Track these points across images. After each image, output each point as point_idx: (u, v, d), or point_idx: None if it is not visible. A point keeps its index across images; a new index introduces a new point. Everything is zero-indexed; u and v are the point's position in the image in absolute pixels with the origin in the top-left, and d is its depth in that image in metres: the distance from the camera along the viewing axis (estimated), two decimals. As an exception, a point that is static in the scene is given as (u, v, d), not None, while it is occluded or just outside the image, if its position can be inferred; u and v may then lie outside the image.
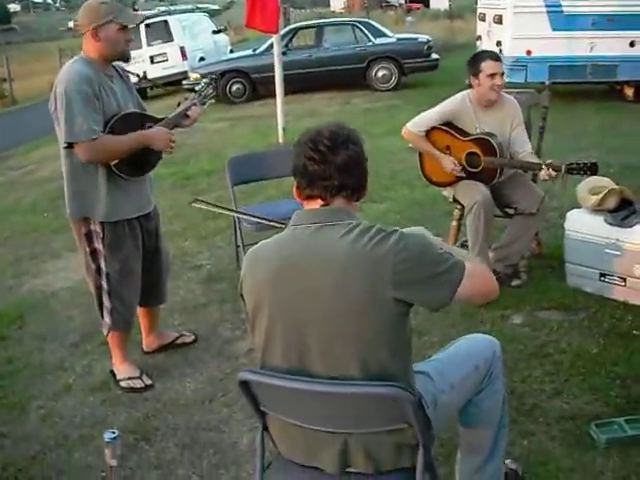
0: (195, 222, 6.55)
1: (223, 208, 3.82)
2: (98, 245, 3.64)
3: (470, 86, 4.53)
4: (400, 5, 43.73)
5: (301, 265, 2.02)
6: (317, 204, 2.09)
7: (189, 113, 3.88)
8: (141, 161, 3.63)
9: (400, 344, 2.03)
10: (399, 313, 1.98)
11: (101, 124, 3.41)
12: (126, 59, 3.64)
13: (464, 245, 4.67)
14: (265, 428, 2.25)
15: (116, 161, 3.50)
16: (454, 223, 4.87)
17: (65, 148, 3.46)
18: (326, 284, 1.97)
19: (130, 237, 3.69)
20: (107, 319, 3.78)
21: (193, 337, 4.30)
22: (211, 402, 3.63)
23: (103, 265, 3.67)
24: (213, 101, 4.13)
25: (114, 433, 3.17)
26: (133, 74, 3.92)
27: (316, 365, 2.02)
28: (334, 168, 2.04)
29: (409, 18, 30.70)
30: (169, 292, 4.28)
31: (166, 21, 17.87)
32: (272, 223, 3.00)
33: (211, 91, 4.03)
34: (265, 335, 2.08)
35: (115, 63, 3.67)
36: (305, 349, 2.02)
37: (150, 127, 3.65)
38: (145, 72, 16.30)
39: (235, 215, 4.69)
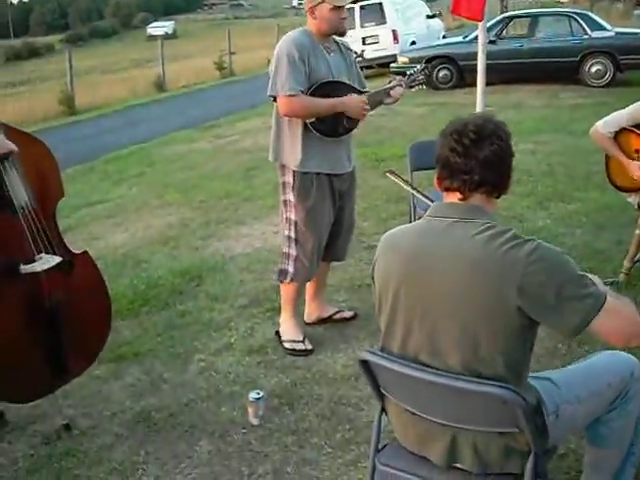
0: (377, 204, 6.64)
1: (411, 187, 3.89)
2: (289, 196, 3.93)
3: None
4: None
5: (431, 258, 2.03)
6: (455, 197, 2.09)
7: (392, 92, 4.04)
8: (335, 124, 3.85)
9: (517, 355, 2.00)
10: (521, 325, 1.94)
11: (303, 85, 3.71)
12: (341, 34, 3.90)
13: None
14: (384, 410, 2.30)
15: (313, 119, 3.76)
16: (637, 232, 4.62)
17: (273, 101, 3.83)
18: (452, 281, 1.98)
19: (318, 190, 3.91)
20: (290, 267, 4.00)
21: (352, 314, 4.40)
22: (357, 379, 3.70)
23: (292, 214, 3.94)
24: (422, 87, 4.20)
25: (259, 394, 3.37)
26: (352, 52, 4.12)
27: (430, 356, 2.04)
28: (476, 163, 2.03)
29: (637, 12, 28.91)
30: (339, 269, 4.41)
31: (380, 3, 18.02)
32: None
33: (422, 77, 4.15)
34: (388, 319, 2.13)
35: (339, 39, 3.96)
36: (422, 339, 2.05)
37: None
38: (363, 51, 16.54)
39: (418, 196, 4.70)
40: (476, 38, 13.91)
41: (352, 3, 4.58)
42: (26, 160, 3.03)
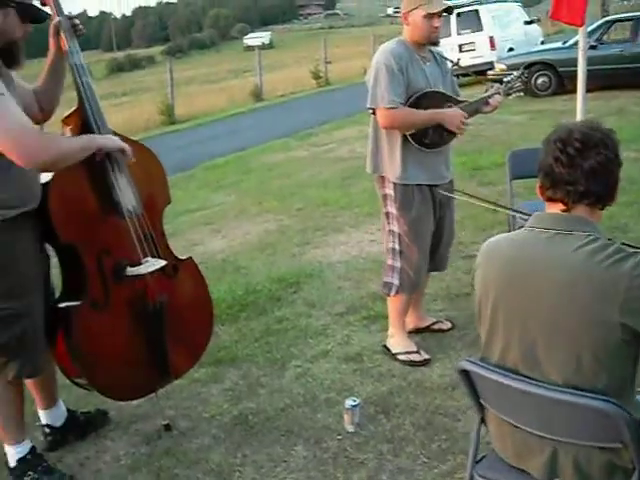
0: (475, 213, 6.55)
1: (478, 199, 3.84)
2: (391, 208, 3.93)
3: None
4: None
5: (531, 269, 2.00)
6: (558, 208, 2.04)
7: (490, 100, 4.00)
8: (434, 136, 3.84)
9: (621, 370, 1.94)
10: (625, 340, 1.88)
11: (402, 97, 3.72)
12: (434, 43, 3.88)
13: None
14: (483, 421, 2.27)
15: (412, 131, 3.76)
16: None
17: (371, 113, 3.84)
18: (552, 293, 1.94)
19: (420, 202, 3.90)
20: (395, 279, 4.00)
21: (450, 325, 4.37)
22: (454, 389, 3.66)
23: (395, 227, 3.94)
24: (520, 94, 4.15)
25: (355, 401, 3.38)
26: (448, 60, 4.10)
27: (529, 369, 2.00)
28: (581, 173, 1.97)
29: None
30: (436, 278, 4.39)
31: (477, 10, 17.81)
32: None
33: (519, 84, 4.08)
34: (488, 328, 2.11)
35: (433, 49, 3.95)
36: (521, 351, 2.02)
37: (449, 107, 3.85)
38: (459, 59, 16.36)
39: (491, 207, 4.61)
40: (576, 43, 13.55)
41: (447, 13, 4.56)
42: (135, 166, 3.14)
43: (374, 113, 3.82)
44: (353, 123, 13.50)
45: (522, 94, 4.19)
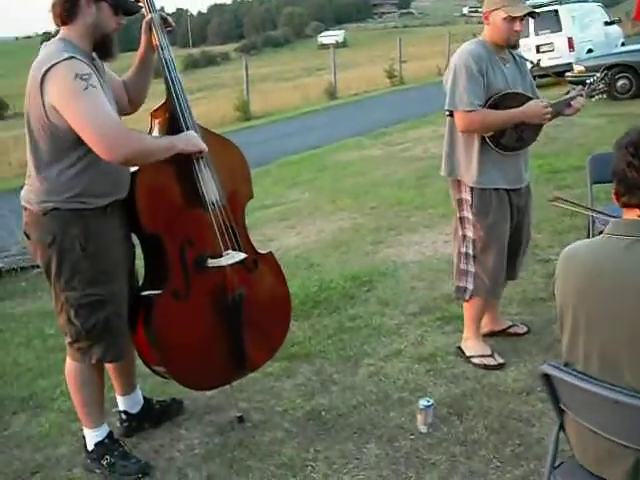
0: (551, 216, 6.45)
1: (583, 207, 3.77)
2: (467, 213, 3.88)
3: None
4: None
5: (609, 277, 1.97)
6: (634, 214, 2.01)
7: (573, 102, 3.91)
8: (514, 138, 3.77)
9: None
10: None
11: (481, 99, 3.66)
12: (513, 47, 3.82)
13: None
14: (562, 427, 2.25)
15: (491, 133, 3.70)
16: None
17: (447, 115, 3.79)
18: (631, 302, 1.91)
19: (498, 207, 3.83)
20: (469, 284, 3.95)
21: (525, 329, 4.31)
22: (528, 394, 3.63)
23: (470, 232, 3.89)
24: (603, 97, 4.05)
25: (429, 402, 3.38)
26: (528, 61, 4.05)
27: (613, 377, 1.97)
28: None
29: None
30: (512, 282, 4.33)
31: (556, 10, 17.45)
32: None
33: (602, 86, 3.99)
34: (569, 335, 2.09)
35: (514, 51, 3.89)
36: (605, 358, 1.99)
37: None
38: (539, 60, 16.05)
39: (594, 215, 4.56)
40: (659, 45, 13.35)
41: (530, 16, 4.46)
42: (219, 160, 3.20)
43: (451, 115, 3.77)
44: (427, 123, 13.43)
45: (605, 96, 4.09)
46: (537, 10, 15.04)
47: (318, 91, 22.27)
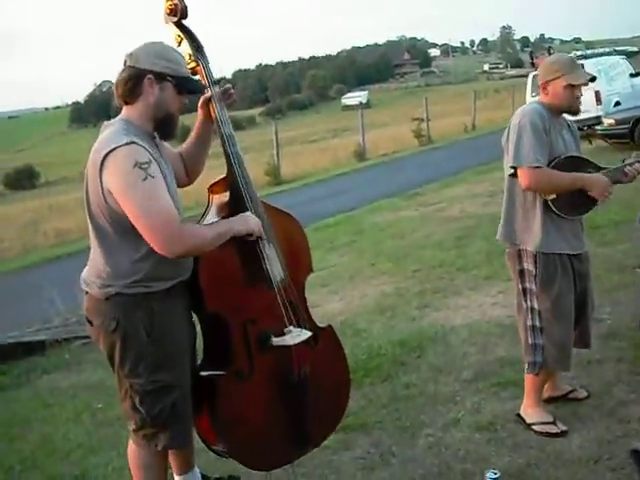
0: (598, 273, 6.35)
1: None
2: (529, 284, 3.81)
3: None
4: None
5: None
6: None
7: (627, 170, 3.84)
8: (577, 202, 3.73)
9: None
10: None
11: (546, 158, 3.62)
12: (574, 113, 3.82)
13: None
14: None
15: (554, 196, 3.66)
16: None
17: (510, 175, 3.75)
18: None
19: (563, 274, 3.77)
20: (539, 357, 3.85)
21: (586, 394, 4.21)
22: (596, 463, 3.52)
23: (535, 304, 3.81)
24: None
25: (495, 474, 3.29)
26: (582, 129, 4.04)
27: None
28: None
29: None
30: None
31: (582, 65, 17.48)
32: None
33: None
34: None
35: (566, 117, 3.89)
36: None
37: (590, 172, 3.76)
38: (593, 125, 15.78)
39: None
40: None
41: (591, 81, 4.49)
42: (282, 235, 3.21)
43: (513, 175, 3.72)
44: (460, 181, 13.47)
45: None
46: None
47: (346, 153, 22.48)
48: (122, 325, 2.86)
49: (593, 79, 3.80)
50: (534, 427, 3.91)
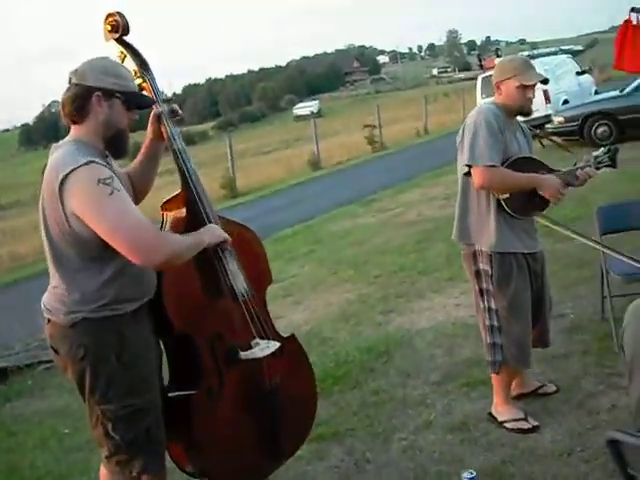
0: (557, 270, 6.44)
1: (574, 232, 3.84)
2: (486, 284, 3.83)
3: None
4: None
5: None
6: None
7: (578, 174, 3.89)
8: (530, 203, 3.76)
9: None
10: None
11: (500, 157, 3.64)
12: (526, 114, 3.85)
13: None
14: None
15: (507, 195, 3.68)
16: None
17: (464, 174, 3.76)
18: None
19: (518, 273, 3.79)
20: (498, 356, 3.88)
21: (555, 388, 4.26)
22: (569, 455, 3.56)
23: (492, 303, 3.83)
24: (607, 170, 4.04)
25: (472, 474, 3.28)
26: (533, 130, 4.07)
27: None
28: None
29: None
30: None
31: (529, 65, 17.77)
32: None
33: (607, 160, 3.96)
34: (641, 392, 2.06)
35: (519, 119, 3.91)
36: None
37: (544, 174, 3.79)
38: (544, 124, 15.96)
39: (600, 248, 4.51)
40: (635, 90, 13.63)
41: (543, 83, 4.55)
42: (241, 248, 3.16)
43: (469, 174, 3.72)
44: (415, 186, 13.56)
45: (608, 170, 4.07)
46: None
47: (301, 162, 22.44)
48: (91, 351, 2.77)
49: (546, 81, 3.83)
50: (506, 424, 3.93)
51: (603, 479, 3.30)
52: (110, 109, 2.81)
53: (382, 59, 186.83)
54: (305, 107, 77.23)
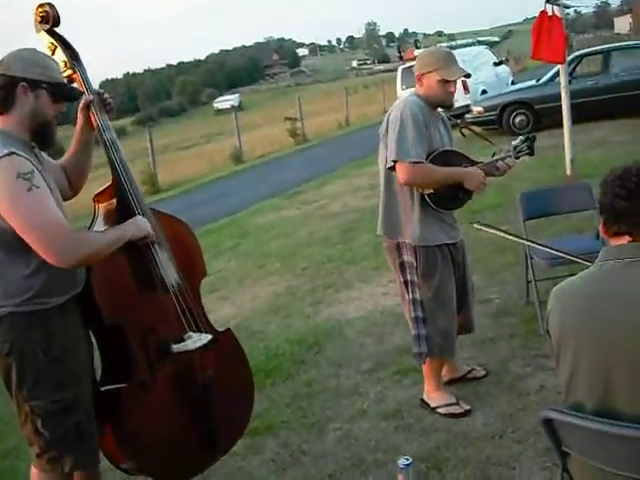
0: (482, 256, 6.56)
1: (507, 233, 3.90)
2: (411, 276, 3.85)
3: None
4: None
5: (610, 302, 2.02)
6: (624, 240, 2.10)
7: (498, 165, 3.96)
8: (453, 196, 3.80)
9: None
10: None
11: (426, 152, 3.66)
12: (447, 107, 3.88)
13: None
14: (565, 469, 2.23)
15: (431, 191, 3.70)
16: None
17: (388, 169, 3.73)
18: (634, 323, 1.95)
19: (443, 264, 3.83)
20: (424, 348, 3.91)
21: (484, 372, 4.33)
22: (501, 437, 3.62)
23: (417, 294, 3.85)
24: (526, 159, 4.10)
25: (408, 460, 3.28)
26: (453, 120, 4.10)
27: (622, 404, 1.99)
28: None
29: None
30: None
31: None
32: (568, 256, 3.03)
33: (526, 148, 4.03)
34: (570, 371, 2.10)
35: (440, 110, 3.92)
36: (611, 386, 2.01)
37: (466, 166, 3.82)
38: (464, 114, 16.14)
39: (526, 244, 4.65)
40: (550, 80, 13.97)
41: (465, 77, 4.60)
42: (173, 240, 3.12)
43: (393, 168, 3.71)
44: (339, 177, 13.59)
45: (526, 158, 4.12)
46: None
47: (223, 156, 22.23)
48: (17, 347, 2.70)
49: (468, 76, 3.86)
50: (439, 410, 3.97)
51: (535, 458, 3.37)
52: (36, 100, 2.76)
53: (301, 52, 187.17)
54: (226, 101, 76.69)
